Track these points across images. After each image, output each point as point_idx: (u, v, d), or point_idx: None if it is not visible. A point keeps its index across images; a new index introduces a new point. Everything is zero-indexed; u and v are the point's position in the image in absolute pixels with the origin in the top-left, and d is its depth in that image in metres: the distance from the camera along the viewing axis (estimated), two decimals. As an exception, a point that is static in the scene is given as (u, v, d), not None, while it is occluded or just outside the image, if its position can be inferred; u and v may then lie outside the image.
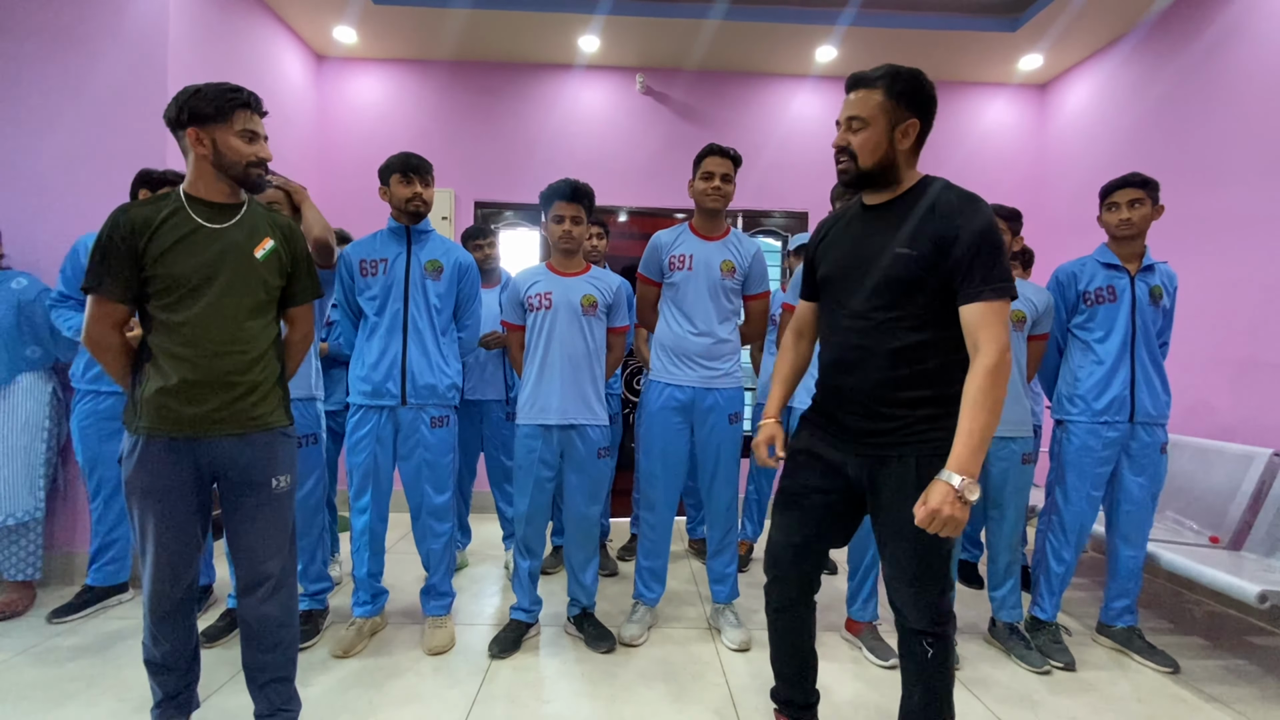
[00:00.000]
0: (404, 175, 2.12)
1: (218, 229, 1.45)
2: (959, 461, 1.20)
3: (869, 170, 1.36)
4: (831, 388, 1.45)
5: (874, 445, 1.37)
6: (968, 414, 1.22)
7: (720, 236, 2.30)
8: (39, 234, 2.64)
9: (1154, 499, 2.26)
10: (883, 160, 1.35)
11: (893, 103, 1.33)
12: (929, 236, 1.29)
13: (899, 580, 1.38)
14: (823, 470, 1.46)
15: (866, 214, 1.43)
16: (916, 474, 1.31)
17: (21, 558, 2.45)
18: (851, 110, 1.36)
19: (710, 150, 2.22)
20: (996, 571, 2.29)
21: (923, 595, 1.35)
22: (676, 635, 2.36)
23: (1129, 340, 2.20)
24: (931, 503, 1.19)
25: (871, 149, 1.34)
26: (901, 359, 1.33)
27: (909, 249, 1.30)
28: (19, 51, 2.66)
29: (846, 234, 1.45)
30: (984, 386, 1.22)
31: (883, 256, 1.34)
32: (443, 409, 2.20)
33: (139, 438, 1.41)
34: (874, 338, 1.35)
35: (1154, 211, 2.18)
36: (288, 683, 1.59)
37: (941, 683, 1.39)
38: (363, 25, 3.61)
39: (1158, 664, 2.18)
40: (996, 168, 4.14)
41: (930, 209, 1.31)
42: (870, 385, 1.36)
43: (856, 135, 1.35)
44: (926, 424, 1.33)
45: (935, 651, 1.36)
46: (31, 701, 1.83)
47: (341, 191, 3.93)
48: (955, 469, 1.20)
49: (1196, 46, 3.07)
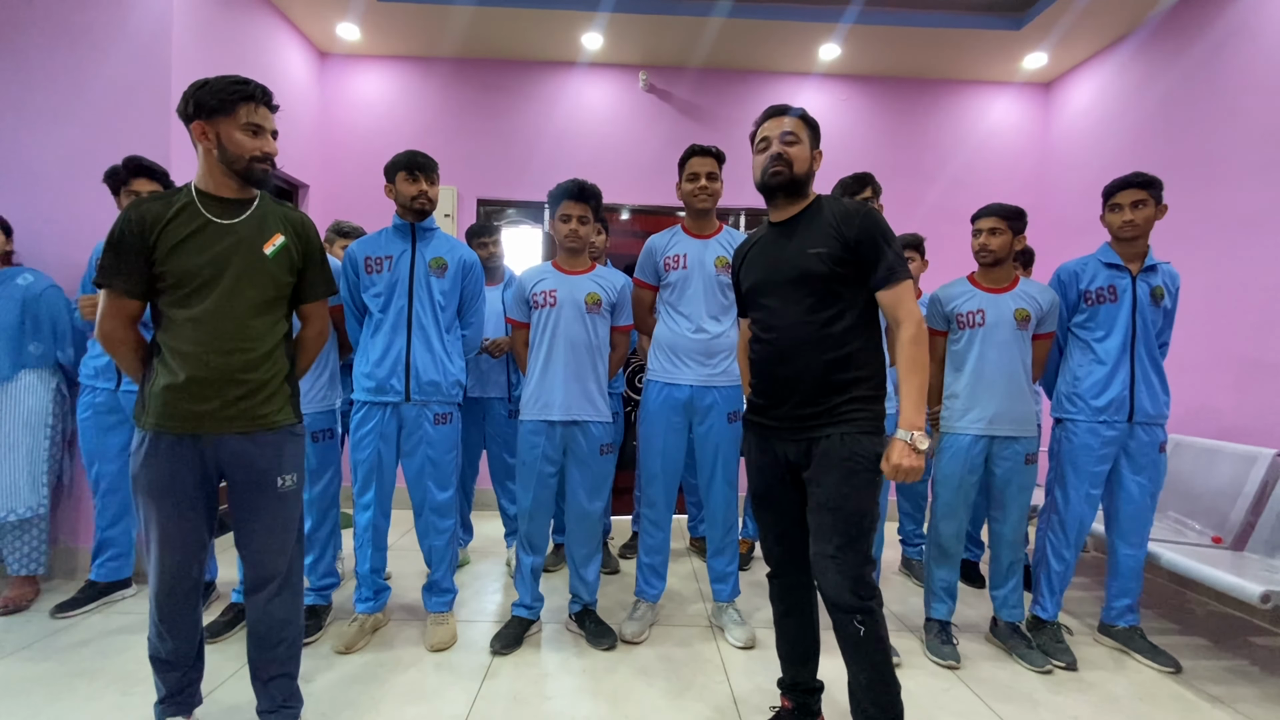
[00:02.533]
0: (409, 173, 2.12)
1: (227, 224, 1.45)
2: (906, 419, 1.43)
3: (799, 177, 1.57)
4: (769, 382, 1.60)
5: (808, 428, 1.52)
6: (904, 379, 1.45)
7: (713, 234, 2.31)
8: (47, 230, 2.65)
9: (1154, 498, 2.25)
10: (806, 172, 1.58)
11: (809, 131, 1.60)
12: (834, 237, 1.50)
13: (821, 555, 1.47)
14: (773, 465, 1.61)
15: (775, 230, 1.63)
16: (842, 446, 1.47)
17: (25, 552, 2.46)
18: (786, 127, 1.58)
19: (692, 151, 2.25)
20: (998, 571, 2.29)
21: (844, 568, 1.44)
22: (678, 633, 2.37)
23: (1129, 340, 2.20)
24: (893, 458, 1.41)
25: (804, 159, 1.57)
26: (829, 346, 1.51)
27: (820, 248, 1.51)
28: (26, 48, 2.67)
29: (763, 250, 1.65)
30: (913, 355, 1.45)
31: (798, 258, 1.54)
32: (446, 406, 2.20)
33: (146, 434, 1.41)
34: (803, 331, 1.53)
35: (1157, 211, 2.17)
36: (291, 679, 1.60)
37: (881, 657, 1.46)
38: (366, 22, 3.61)
39: (1160, 664, 2.18)
40: (1000, 166, 4.13)
41: (831, 216, 1.53)
42: (806, 373, 1.52)
43: (791, 147, 1.57)
44: (851, 404, 1.50)
45: (867, 629, 1.44)
46: (35, 696, 1.84)
47: (345, 188, 3.94)
48: (906, 426, 1.42)
49: (1201, 45, 3.06)
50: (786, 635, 1.71)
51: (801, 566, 1.64)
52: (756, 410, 1.66)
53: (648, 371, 2.35)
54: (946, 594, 2.28)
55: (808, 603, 1.68)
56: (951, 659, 2.16)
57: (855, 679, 1.49)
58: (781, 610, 1.70)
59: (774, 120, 1.60)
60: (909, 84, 4.09)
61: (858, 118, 4.06)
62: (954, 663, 2.15)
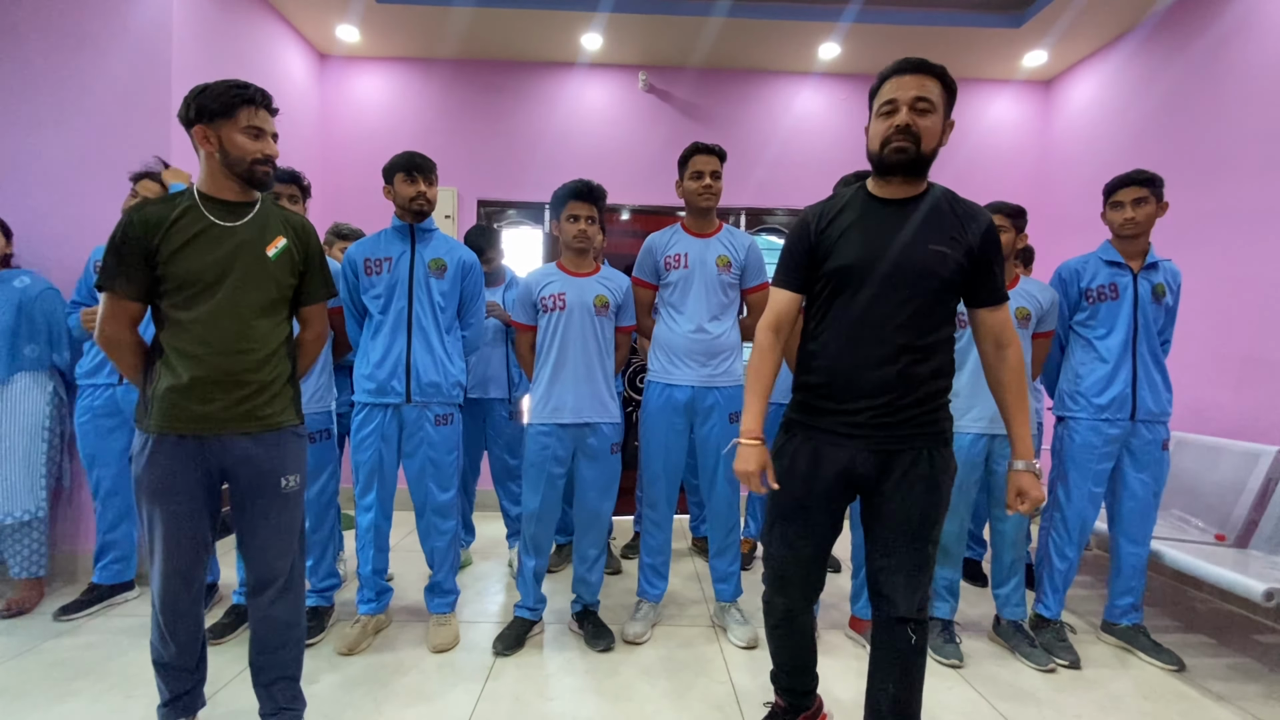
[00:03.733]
0: (408, 174, 2.12)
1: (229, 227, 1.45)
2: (1026, 449, 1.40)
3: (927, 156, 1.33)
4: (844, 380, 1.38)
5: (885, 438, 1.37)
6: (1019, 406, 1.39)
7: (713, 233, 2.30)
8: (47, 233, 2.65)
9: (1156, 496, 2.25)
10: (935, 149, 1.35)
11: (946, 99, 1.34)
12: (957, 239, 1.34)
13: (893, 570, 1.39)
14: (824, 473, 1.41)
15: (884, 208, 1.38)
16: (930, 466, 1.37)
17: (27, 555, 2.46)
18: (921, 91, 1.29)
19: (696, 149, 2.23)
20: (1000, 569, 2.29)
21: (917, 585, 1.38)
22: (680, 633, 2.36)
23: (1131, 338, 2.19)
24: (1034, 492, 1.39)
25: (935, 135, 1.33)
26: (922, 353, 1.36)
27: (946, 248, 1.33)
28: (29, 53, 2.67)
29: (865, 228, 1.38)
30: (1022, 380, 1.39)
31: (914, 251, 1.33)
32: (447, 407, 2.20)
33: (149, 436, 1.41)
34: (893, 331, 1.34)
35: (1159, 209, 2.16)
36: (293, 681, 1.60)
37: (920, 670, 1.41)
38: (365, 24, 3.61)
39: (1163, 662, 2.17)
40: (1000, 165, 4.12)
41: (953, 212, 1.35)
42: (884, 378, 1.35)
43: (924, 117, 1.30)
44: (933, 415, 1.38)
45: (918, 637, 1.39)
46: (38, 698, 1.84)
47: (344, 190, 3.94)
48: (1024, 456, 1.39)
49: (1203, 42, 3.06)
50: (788, 647, 1.61)
51: (810, 593, 1.53)
52: (814, 412, 1.43)
53: (649, 372, 2.34)
54: (949, 593, 2.27)
55: (810, 615, 1.60)
56: (954, 658, 2.15)
57: (880, 689, 1.43)
58: (785, 630, 1.58)
59: (909, 78, 1.29)
60: (909, 82, 4.07)
61: (858, 118, 4.05)
62: (957, 661, 2.15)
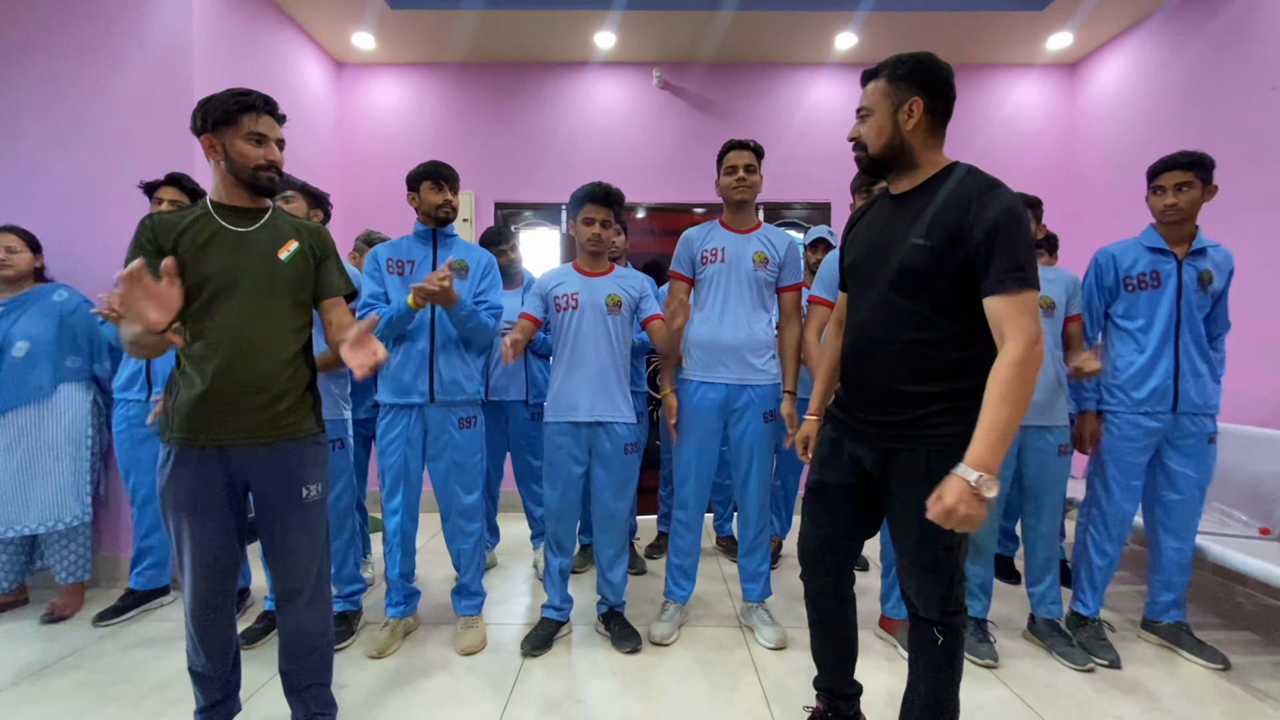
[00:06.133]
0: (435, 182, 2.16)
1: (241, 233, 1.46)
2: (977, 456, 1.15)
3: (878, 156, 1.37)
4: (850, 379, 1.46)
5: (885, 437, 1.37)
6: (990, 407, 1.18)
7: (752, 229, 2.28)
8: (75, 246, 2.71)
9: (1202, 490, 2.17)
10: (890, 144, 1.35)
11: (893, 86, 1.33)
12: (945, 227, 1.26)
13: (906, 570, 1.40)
14: (845, 463, 1.47)
15: (891, 202, 1.41)
16: (926, 468, 1.29)
17: (72, 561, 2.53)
18: (860, 103, 1.40)
19: (730, 145, 2.24)
20: (1034, 566, 2.23)
21: (932, 585, 1.36)
22: (708, 634, 2.35)
23: (1173, 328, 2.11)
24: (947, 499, 1.14)
25: (876, 134, 1.36)
26: (912, 352, 1.32)
27: (924, 240, 1.28)
28: (49, 66, 2.74)
29: (872, 223, 1.45)
30: (1008, 380, 1.17)
31: (900, 246, 1.32)
32: (470, 409, 2.21)
33: (171, 449, 1.43)
34: (887, 330, 1.35)
35: (1205, 193, 2.06)
36: (325, 687, 1.61)
37: (949, 674, 1.37)
38: (380, 30, 3.63)
39: (1207, 660, 2.11)
40: (1025, 150, 4.03)
41: (948, 198, 1.28)
42: (882, 377, 1.36)
43: (863, 124, 1.38)
44: (939, 418, 1.31)
45: (945, 640, 1.36)
46: (79, 703, 1.88)
47: (362, 195, 3.97)
48: (972, 464, 1.15)
49: (1231, 16, 2.94)
50: (821, 640, 1.63)
51: (839, 574, 1.55)
52: (837, 403, 1.52)
53: (683, 369, 2.32)
54: (981, 590, 2.22)
55: (844, 609, 1.58)
56: (989, 657, 2.11)
57: (914, 689, 1.42)
58: (816, 616, 1.61)
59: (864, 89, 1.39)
60: (928, 70, 4.00)
61: (876, 106, 3.99)
62: (992, 661, 2.10)
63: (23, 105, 2.75)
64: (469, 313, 2.09)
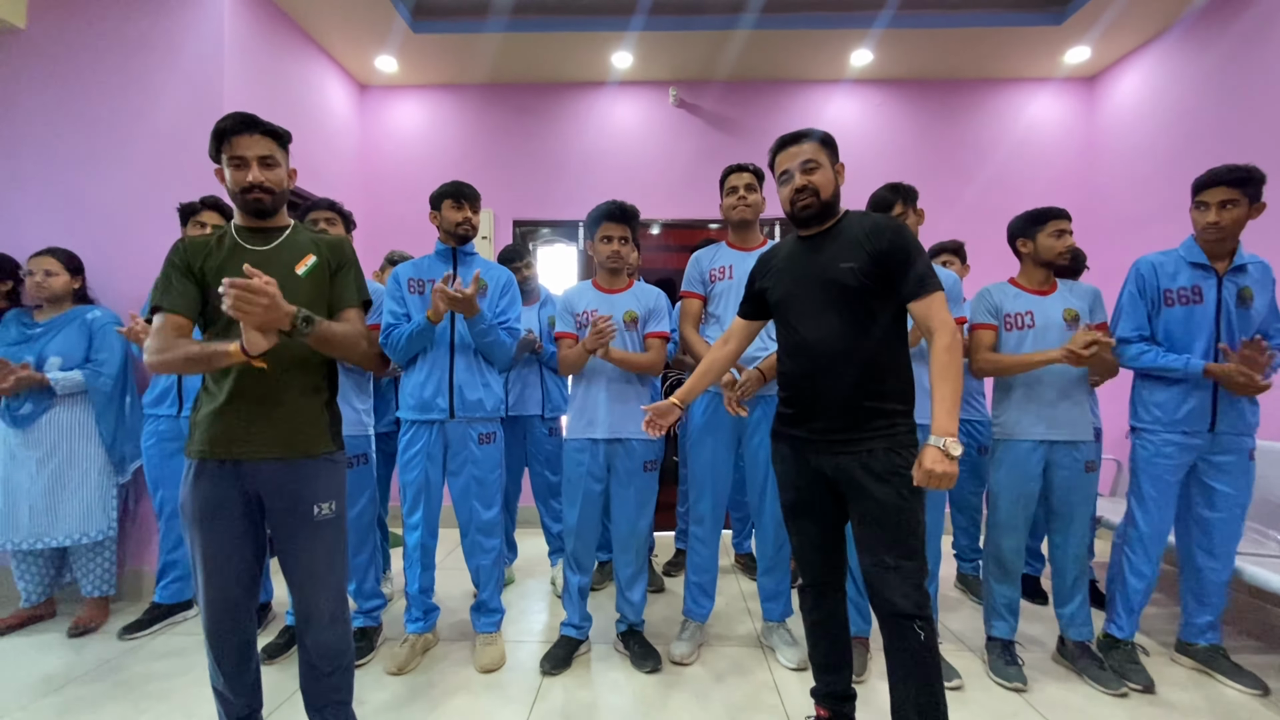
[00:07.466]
0: (456, 201, 2.20)
1: (260, 250, 1.51)
2: (938, 425, 1.41)
3: (829, 201, 1.58)
4: (805, 397, 1.60)
5: (843, 442, 1.53)
6: (937, 385, 1.44)
7: (756, 247, 2.29)
8: (107, 268, 2.78)
9: (1242, 510, 2.10)
10: (835, 192, 1.60)
11: (824, 149, 1.60)
12: (865, 251, 1.51)
13: (880, 567, 1.47)
14: (811, 477, 1.61)
15: (805, 244, 1.64)
16: (885, 460, 1.48)
17: (98, 574, 2.57)
18: (805, 155, 1.58)
19: (729, 170, 2.33)
20: (1063, 586, 2.18)
21: (907, 576, 1.44)
22: (729, 653, 2.32)
23: (1213, 346, 2.04)
24: (925, 463, 1.39)
25: (827, 183, 1.58)
26: (861, 362, 1.51)
27: (850, 262, 1.52)
28: (88, 94, 2.83)
29: (791, 263, 1.65)
30: (945, 362, 1.44)
31: (829, 272, 1.54)
32: (490, 425, 2.23)
33: (193, 462, 1.46)
34: (835, 345, 1.53)
35: (1251, 211, 1.99)
36: (345, 705, 1.61)
37: (934, 670, 1.44)
38: (403, 54, 3.72)
39: (1244, 685, 2.04)
40: (1043, 164, 4.00)
41: (857, 231, 1.54)
42: (839, 389, 1.53)
43: (814, 174, 1.57)
44: (888, 419, 1.51)
45: (926, 636, 1.43)
46: (103, 715, 1.90)
47: (385, 214, 4.04)
48: (938, 432, 1.40)
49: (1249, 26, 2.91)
50: (821, 642, 1.71)
51: (838, 575, 1.67)
52: (787, 421, 1.66)
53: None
54: (1009, 611, 2.18)
55: (840, 610, 1.70)
56: (1017, 680, 2.06)
57: (903, 694, 1.46)
58: (814, 619, 1.71)
59: (790, 150, 1.61)
60: (946, 86, 4.01)
61: (892, 123, 3.99)
62: (1020, 684, 2.05)
63: (64, 132, 2.84)
64: (488, 326, 2.12)
